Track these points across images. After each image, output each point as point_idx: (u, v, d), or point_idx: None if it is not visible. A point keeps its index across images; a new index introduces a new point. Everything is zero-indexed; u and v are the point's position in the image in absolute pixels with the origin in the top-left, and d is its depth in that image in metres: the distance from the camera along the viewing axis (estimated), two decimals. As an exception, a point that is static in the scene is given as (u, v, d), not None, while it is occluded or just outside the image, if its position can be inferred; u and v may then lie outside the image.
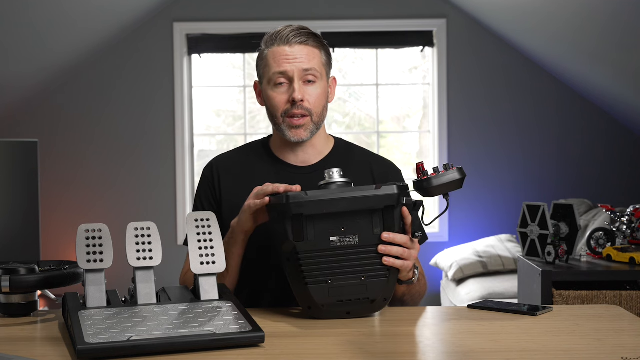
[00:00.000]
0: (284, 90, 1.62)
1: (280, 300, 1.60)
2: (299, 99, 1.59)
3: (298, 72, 1.60)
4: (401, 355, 1.18)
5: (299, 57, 1.60)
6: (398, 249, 1.38)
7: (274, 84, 1.62)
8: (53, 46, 4.35)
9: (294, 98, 1.59)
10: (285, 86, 1.62)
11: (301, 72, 1.60)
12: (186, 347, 1.17)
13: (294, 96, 1.59)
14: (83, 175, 4.96)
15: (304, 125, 1.62)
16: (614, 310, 1.48)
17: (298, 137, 1.63)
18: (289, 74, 1.60)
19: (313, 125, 1.63)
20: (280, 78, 1.61)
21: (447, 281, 4.58)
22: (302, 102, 1.60)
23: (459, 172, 1.40)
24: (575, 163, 4.97)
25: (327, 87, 1.67)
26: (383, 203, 1.36)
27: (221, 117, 5.28)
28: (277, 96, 1.63)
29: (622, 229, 2.67)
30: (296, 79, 1.60)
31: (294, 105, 1.60)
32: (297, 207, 1.34)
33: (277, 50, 1.61)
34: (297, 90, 1.60)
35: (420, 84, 5.18)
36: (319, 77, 1.63)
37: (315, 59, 1.62)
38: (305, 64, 1.60)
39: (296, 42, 1.61)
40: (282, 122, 1.63)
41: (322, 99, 1.65)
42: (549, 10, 3.92)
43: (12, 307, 1.44)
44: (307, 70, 1.61)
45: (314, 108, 1.62)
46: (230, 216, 1.65)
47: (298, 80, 1.60)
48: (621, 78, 4.21)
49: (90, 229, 1.35)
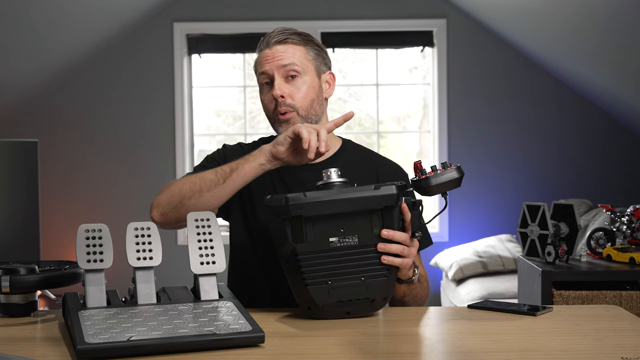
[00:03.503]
0: (268, 90, 1.65)
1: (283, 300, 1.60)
2: (278, 94, 1.62)
3: (277, 70, 1.63)
4: (401, 355, 1.18)
5: (277, 56, 1.63)
6: (397, 247, 1.38)
7: (260, 85, 1.68)
8: (53, 46, 4.35)
9: (274, 95, 1.62)
10: (270, 86, 1.65)
11: (280, 69, 1.63)
12: (186, 347, 1.16)
13: (273, 93, 1.62)
14: (83, 176, 4.96)
15: (291, 120, 1.63)
16: (614, 310, 1.48)
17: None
18: (269, 72, 1.64)
19: (301, 120, 1.63)
20: (264, 78, 1.65)
21: (447, 281, 4.58)
22: (283, 98, 1.62)
23: (457, 170, 1.39)
24: (575, 163, 4.97)
25: (316, 81, 1.67)
26: (382, 203, 1.35)
27: (221, 117, 5.28)
28: (264, 97, 1.67)
29: (622, 229, 2.67)
30: (276, 76, 1.63)
31: (278, 103, 1.63)
32: (296, 209, 1.34)
33: (261, 54, 1.66)
34: (276, 87, 1.62)
35: (420, 84, 5.18)
36: (301, 71, 1.64)
37: (296, 55, 1.64)
38: (284, 60, 1.63)
39: (274, 43, 1.64)
40: (275, 121, 1.65)
41: (309, 93, 1.65)
42: (549, 10, 3.92)
43: (12, 307, 1.44)
44: (286, 65, 1.63)
45: (298, 103, 1.63)
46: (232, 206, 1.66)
47: (278, 77, 1.63)
48: (621, 78, 4.21)
49: (90, 229, 1.35)
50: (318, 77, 1.67)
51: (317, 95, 1.67)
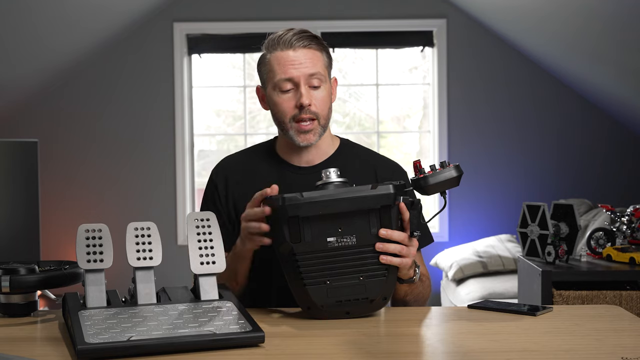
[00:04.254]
0: (291, 96, 1.62)
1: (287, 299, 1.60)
2: (307, 103, 1.60)
3: (304, 78, 1.60)
4: (401, 355, 1.18)
5: (304, 62, 1.60)
6: (396, 246, 1.37)
7: (280, 90, 1.62)
8: (53, 46, 4.35)
9: (302, 103, 1.59)
10: (292, 92, 1.62)
11: (307, 77, 1.60)
12: (186, 347, 1.16)
13: (302, 101, 1.59)
14: (83, 175, 4.96)
15: (313, 130, 1.62)
16: (614, 310, 1.48)
17: (307, 141, 1.63)
18: (295, 79, 1.60)
19: (321, 129, 1.64)
20: (286, 84, 1.61)
21: (447, 281, 4.58)
22: (310, 106, 1.61)
23: (455, 169, 1.39)
24: (575, 163, 4.97)
25: (330, 89, 1.68)
26: (379, 203, 1.35)
27: (221, 117, 5.29)
28: (283, 102, 1.62)
29: (622, 229, 2.67)
30: (302, 84, 1.60)
31: (302, 110, 1.60)
32: (293, 209, 1.34)
33: (281, 55, 1.61)
34: (304, 95, 1.60)
35: (420, 84, 5.18)
36: (323, 80, 1.63)
37: (319, 62, 1.63)
38: (310, 69, 1.60)
39: (300, 46, 1.61)
40: (290, 127, 1.63)
41: (327, 102, 1.65)
42: (549, 10, 3.92)
43: (12, 307, 1.44)
44: (313, 74, 1.61)
45: (320, 111, 1.63)
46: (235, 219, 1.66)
47: (304, 85, 1.60)
48: (621, 78, 4.21)
49: (90, 229, 1.35)
50: (330, 84, 1.68)
51: (331, 102, 1.68)
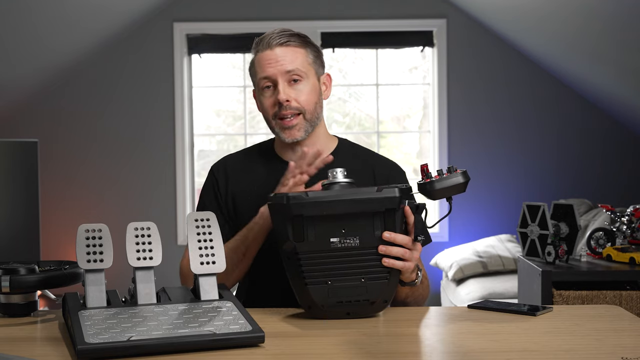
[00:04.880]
0: (271, 94, 1.66)
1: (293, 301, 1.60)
2: (284, 99, 1.62)
3: (281, 74, 1.63)
4: (401, 355, 1.18)
5: (281, 60, 1.63)
6: (399, 250, 1.37)
7: (261, 88, 1.67)
8: (53, 46, 4.35)
9: (279, 99, 1.63)
10: (272, 89, 1.65)
11: (284, 74, 1.63)
12: (186, 347, 1.16)
13: (279, 97, 1.63)
14: (83, 175, 4.96)
15: (297, 125, 1.65)
16: (614, 310, 1.48)
17: (292, 137, 1.66)
18: (272, 77, 1.64)
19: (307, 124, 1.66)
20: (265, 82, 1.65)
21: (447, 281, 4.58)
22: (289, 102, 1.63)
23: (462, 175, 1.40)
24: (575, 163, 4.97)
25: (317, 84, 1.69)
26: (384, 205, 1.35)
27: (221, 117, 5.29)
28: (265, 100, 1.67)
29: (622, 229, 2.67)
30: (280, 80, 1.63)
31: (282, 107, 1.63)
32: (297, 208, 1.34)
33: (262, 55, 1.65)
34: (281, 92, 1.63)
35: (420, 84, 5.18)
36: (304, 76, 1.65)
37: (299, 59, 1.64)
38: (288, 65, 1.63)
39: (277, 45, 1.64)
40: (275, 124, 1.67)
41: (313, 96, 1.66)
42: (549, 10, 3.92)
43: (12, 307, 1.44)
44: (290, 71, 1.63)
45: (304, 106, 1.65)
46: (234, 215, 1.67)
47: (282, 82, 1.63)
48: (621, 78, 4.21)
49: (90, 229, 1.35)
50: (318, 80, 1.69)
51: (319, 98, 1.69)
